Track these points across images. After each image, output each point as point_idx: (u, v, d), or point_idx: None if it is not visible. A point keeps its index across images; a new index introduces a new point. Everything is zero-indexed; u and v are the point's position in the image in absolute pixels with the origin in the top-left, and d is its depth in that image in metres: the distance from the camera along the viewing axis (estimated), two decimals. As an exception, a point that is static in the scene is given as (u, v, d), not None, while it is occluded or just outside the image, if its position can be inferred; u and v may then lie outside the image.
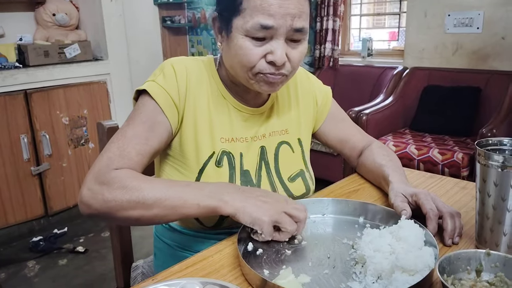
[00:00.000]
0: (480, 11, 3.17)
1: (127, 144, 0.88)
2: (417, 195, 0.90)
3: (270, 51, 0.87)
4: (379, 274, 0.72)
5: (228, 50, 0.92)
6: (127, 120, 0.94)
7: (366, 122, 3.05)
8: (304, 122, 1.13)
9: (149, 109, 0.93)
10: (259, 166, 1.03)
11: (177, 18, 4.32)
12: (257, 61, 0.88)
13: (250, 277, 0.74)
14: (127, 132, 0.90)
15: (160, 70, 0.97)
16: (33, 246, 2.67)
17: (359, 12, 4.11)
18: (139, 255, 1.30)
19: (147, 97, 0.94)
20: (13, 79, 2.71)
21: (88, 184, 0.83)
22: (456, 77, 3.23)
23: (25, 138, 2.76)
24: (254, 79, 0.91)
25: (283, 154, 1.06)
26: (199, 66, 1.01)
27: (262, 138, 1.04)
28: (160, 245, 1.09)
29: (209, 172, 0.96)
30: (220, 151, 0.98)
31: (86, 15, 3.34)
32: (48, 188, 2.92)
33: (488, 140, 0.83)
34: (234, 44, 0.89)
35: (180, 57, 1.01)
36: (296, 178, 1.07)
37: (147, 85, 0.94)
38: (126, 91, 3.35)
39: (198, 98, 0.97)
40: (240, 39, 0.87)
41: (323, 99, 1.17)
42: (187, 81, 0.96)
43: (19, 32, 3.12)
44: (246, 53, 0.88)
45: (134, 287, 0.75)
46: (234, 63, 0.92)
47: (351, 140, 1.20)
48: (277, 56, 0.87)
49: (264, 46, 0.88)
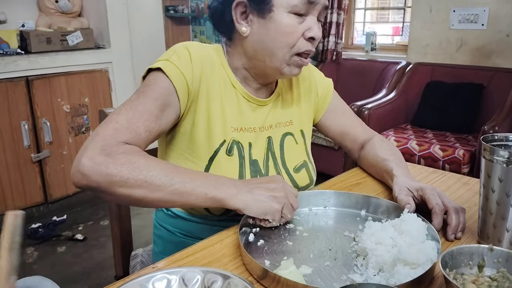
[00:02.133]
0: (486, 7, 3.15)
1: (136, 118, 0.83)
2: (423, 189, 0.90)
3: (308, 28, 0.89)
4: (381, 267, 0.72)
5: (265, 32, 0.91)
6: (137, 93, 0.88)
7: (368, 117, 3.05)
8: (306, 113, 1.13)
9: (162, 87, 0.88)
10: (266, 156, 1.02)
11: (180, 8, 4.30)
12: (298, 39, 0.90)
13: (251, 267, 0.73)
14: (137, 105, 0.85)
15: (173, 51, 0.93)
16: (32, 233, 2.67)
17: (364, 6, 4.08)
18: (138, 244, 1.30)
19: (160, 74, 0.89)
20: (15, 65, 2.69)
21: (89, 152, 0.76)
22: (460, 74, 3.21)
23: (26, 125, 2.76)
24: (290, 61, 0.92)
25: (288, 145, 1.06)
26: (210, 52, 0.98)
27: (269, 129, 1.04)
28: (161, 232, 1.08)
29: (220, 160, 0.95)
30: (231, 140, 0.96)
31: (89, 3, 3.31)
32: (48, 176, 2.92)
33: (494, 135, 0.83)
34: (279, 23, 0.88)
35: (191, 42, 0.98)
36: (300, 169, 1.06)
37: (162, 64, 0.90)
38: (127, 80, 3.33)
39: (212, 84, 0.95)
40: (285, 17, 0.88)
41: (323, 90, 1.17)
42: (202, 65, 0.94)
43: (21, 18, 3.10)
44: (292, 31, 0.88)
45: (135, 275, 0.75)
46: (273, 45, 0.91)
47: (352, 132, 1.19)
48: (315, 31, 0.89)
49: (304, 23, 0.89)
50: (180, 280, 0.67)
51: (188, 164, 0.95)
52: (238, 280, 0.65)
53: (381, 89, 3.49)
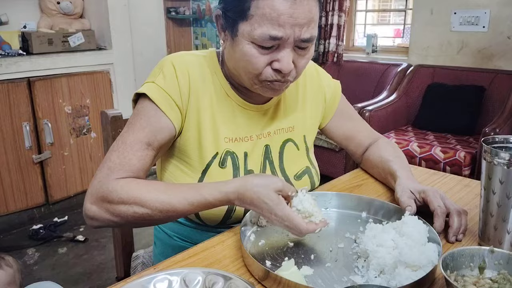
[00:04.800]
0: (487, 9, 3.15)
1: (127, 151, 0.86)
2: (426, 192, 0.90)
3: (276, 59, 0.84)
4: (382, 269, 0.72)
5: (232, 52, 0.89)
6: (127, 126, 0.91)
7: (369, 119, 3.05)
8: (311, 118, 1.10)
9: (149, 114, 0.90)
10: (263, 165, 1.01)
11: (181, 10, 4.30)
12: (262, 68, 0.85)
13: (253, 268, 0.73)
14: (127, 138, 0.88)
15: (159, 69, 0.93)
16: (33, 234, 2.68)
17: (365, 8, 4.08)
18: (139, 245, 1.30)
19: (147, 101, 0.90)
20: (16, 66, 2.70)
21: (90, 198, 0.83)
22: (461, 76, 3.21)
23: (28, 126, 2.76)
24: (259, 84, 0.89)
25: (288, 152, 1.04)
26: (201, 63, 0.97)
27: (267, 136, 1.02)
28: (160, 235, 1.09)
29: (213, 172, 0.94)
30: (224, 151, 0.96)
31: (91, 4, 3.32)
32: (49, 177, 2.92)
33: (495, 137, 0.83)
34: (240, 50, 0.85)
35: (180, 54, 0.97)
36: (302, 176, 1.05)
37: (147, 88, 0.91)
38: (129, 82, 3.34)
39: (202, 97, 0.94)
40: (246, 45, 0.84)
41: (332, 94, 1.14)
42: (190, 80, 0.93)
43: (23, 19, 3.10)
44: (251, 60, 0.84)
45: (136, 276, 0.75)
46: (238, 67, 0.89)
47: (357, 137, 1.19)
48: (283, 65, 0.84)
49: (271, 54, 0.84)
50: (181, 281, 0.67)
51: (183, 176, 0.96)
52: (239, 281, 0.65)
53: (382, 91, 3.49)
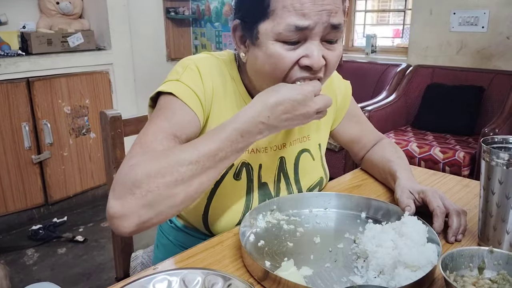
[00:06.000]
0: (486, 10, 3.15)
1: (150, 141, 0.76)
2: (425, 192, 0.90)
3: (305, 54, 0.77)
4: (381, 269, 0.72)
5: (255, 60, 0.81)
6: (148, 121, 0.81)
7: (368, 119, 3.00)
8: (324, 125, 1.08)
9: (175, 107, 0.82)
10: (277, 178, 0.99)
11: (181, 10, 4.30)
12: (290, 67, 0.78)
13: (252, 269, 0.73)
14: (148, 130, 0.78)
15: (182, 68, 0.87)
16: (33, 234, 2.68)
17: (364, 8, 4.09)
18: (138, 246, 1.30)
19: (170, 97, 0.83)
20: (16, 66, 2.70)
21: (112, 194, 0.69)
22: (460, 76, 3.21)
23: (27, 126, 2.76)
24: None
25: (303, 163, 1.02)
26: (221, 67, 0.91)
27: (282, 148, 0.98)
28: (164, 240, 1.08)
29: (226, 185, 0.92)
30: (240, 163, 0.93)
31: (90, 4, 3.32)
32: (49, 177, 2.92)
33: (494, 138, 0.83)
34: (263, 52, 0.78)
35: (201, 56, 0.92)
36: (314, 189, 1.04)
37: (171, 86, 0.83)
38: (128, 82, 3.34)
39: (223, 103, 0.89)
40: (270, 46, 0.77)
41: (343, 97, 1.12)
42: (213, 85, 0.88)
43: (22, 19, 3.11)
44: (278, 61, 0.77)
45: (135, 276, 0.75)
46: (264, 73, 0.81)
47: (363, 141, 1.19)
48: (314, 59, 0.76)
49: (298, 50, 0.77)
50: (180, 282, 0.67)
51: None
52: (238, 281, 0.65)
53: (382, 91, 3.49)
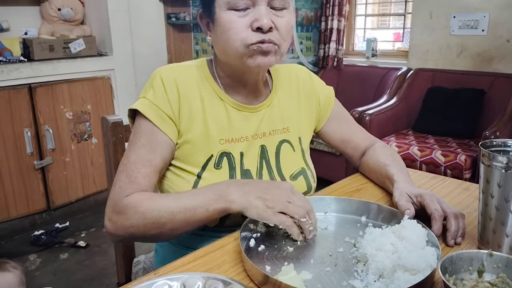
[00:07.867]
0: (486, 13, 3.16)
1: (132, 170, 0.92)
2: (422, 196, 0.91)
3: (254, 19, 0.88)
4: (381, 273, 0.72)
5: (217, 36, 0.93)
6: (129, 145, 0.97)
7: (369, 123, 3.05)
8: (305, 121, 1.13)
9: (146, 131, 0.95)
10: (260, 165, 1.03)
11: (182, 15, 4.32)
12: (245, 31, 0.89)
13: (252, 273, 0.74)
14: (130, 158, 0.93)
15: (149, 84, 0.98)
16: (35, 239, 2.68)
17: (364, 13, 4.10)
18: (140, 251, 1.30)
19: (142, 118, 0.96)
20: (18, 72, 2.71)
21: (107, 215, 0.90)
22: (460, 79, 3.22)
23: (29, 132, 2.77)
24: (248, 53, 0.90)
25: (284, 153, 1.06)
26: (190, 71, 1.01)
27: (263, 137, 1.04)
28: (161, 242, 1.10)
29: (208, 174, 0.97)
30: (219, 153, 0.99)
31: (91, 11, 3.34)
32: (51, 183, 2.93)
33: (492, 141, 0.83)
34: (221, 23, 0.90)
35: (168, 66, 1.02)
36: (298, 176, 1.07)
37: (139, 105, 0.96)
38: (130, 87, 3.35)
39: (192, 103, 0.98)
40: (224, 15, 0.89)
41: (325, 99, 1.17)
42: (178, 89, 0.97)
43: (24, 26, 3.12)
44: (233, 26, 0.89)
45: (136, 281, 0.75)
46: (226, 45, 0.91)
47: (354, 140, 1.20)
48: (262, 21, 0.87)
49: (248, 15, 0.89)
50: (181, 287, 0.68)
51: (180, 180, 0.99)
52: (239, 286, 0.65)
53: (382, 95, 3.50)
